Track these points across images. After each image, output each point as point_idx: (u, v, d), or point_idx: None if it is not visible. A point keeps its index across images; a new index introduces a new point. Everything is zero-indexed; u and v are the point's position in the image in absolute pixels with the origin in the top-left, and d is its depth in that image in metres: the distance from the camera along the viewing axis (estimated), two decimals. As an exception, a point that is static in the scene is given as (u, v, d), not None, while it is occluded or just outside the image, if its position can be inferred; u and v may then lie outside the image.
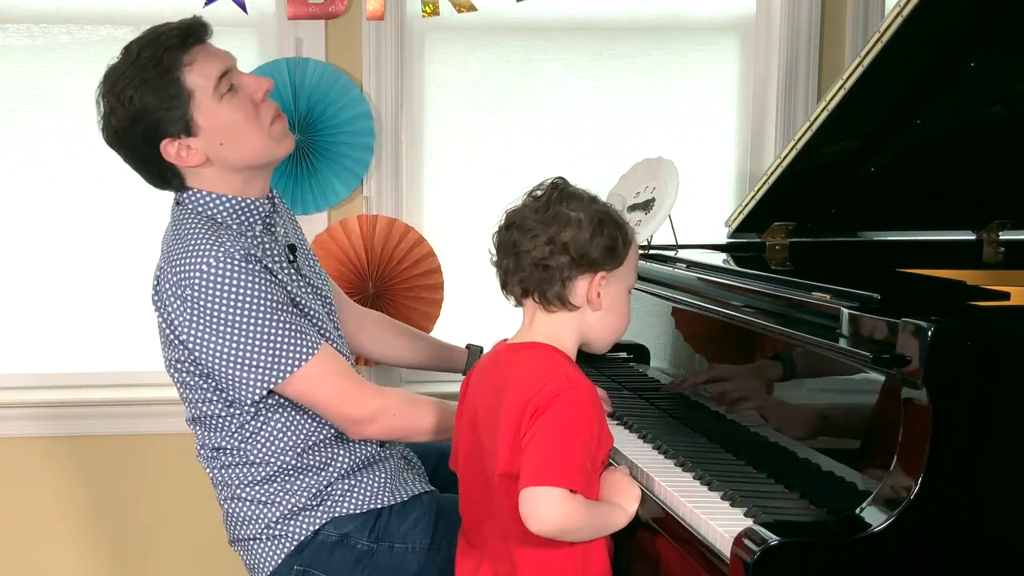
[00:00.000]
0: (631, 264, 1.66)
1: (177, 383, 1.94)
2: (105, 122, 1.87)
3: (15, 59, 2.80)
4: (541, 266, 1.58)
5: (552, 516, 1.48)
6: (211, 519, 2.83)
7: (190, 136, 1.85)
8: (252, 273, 1.78)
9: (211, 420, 1.91)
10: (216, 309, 1.77)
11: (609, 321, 1.65)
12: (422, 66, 2.88)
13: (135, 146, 1.87)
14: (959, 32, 1.89)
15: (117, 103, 1.82)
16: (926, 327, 1.32)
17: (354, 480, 1.93)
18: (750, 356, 1.78)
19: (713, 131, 2.98)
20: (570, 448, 1.49)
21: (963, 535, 1.36)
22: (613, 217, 1.62)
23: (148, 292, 1.89)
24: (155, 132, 1.84)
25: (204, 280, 1.76)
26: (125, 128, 1.84)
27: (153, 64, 1.80)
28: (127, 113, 1.82)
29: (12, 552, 2.84)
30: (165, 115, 1.82)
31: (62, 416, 2.81)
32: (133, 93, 1.80)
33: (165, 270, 1.83)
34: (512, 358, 1.62)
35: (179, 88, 1.82)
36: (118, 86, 1.82)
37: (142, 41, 1.84)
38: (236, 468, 1.91)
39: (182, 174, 1.89)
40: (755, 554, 1.29)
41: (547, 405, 1.50)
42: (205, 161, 1.87)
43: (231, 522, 1.96)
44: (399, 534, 1.90)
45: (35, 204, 2.84)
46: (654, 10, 2.93)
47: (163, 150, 1.85)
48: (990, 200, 2.32)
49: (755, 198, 2.27)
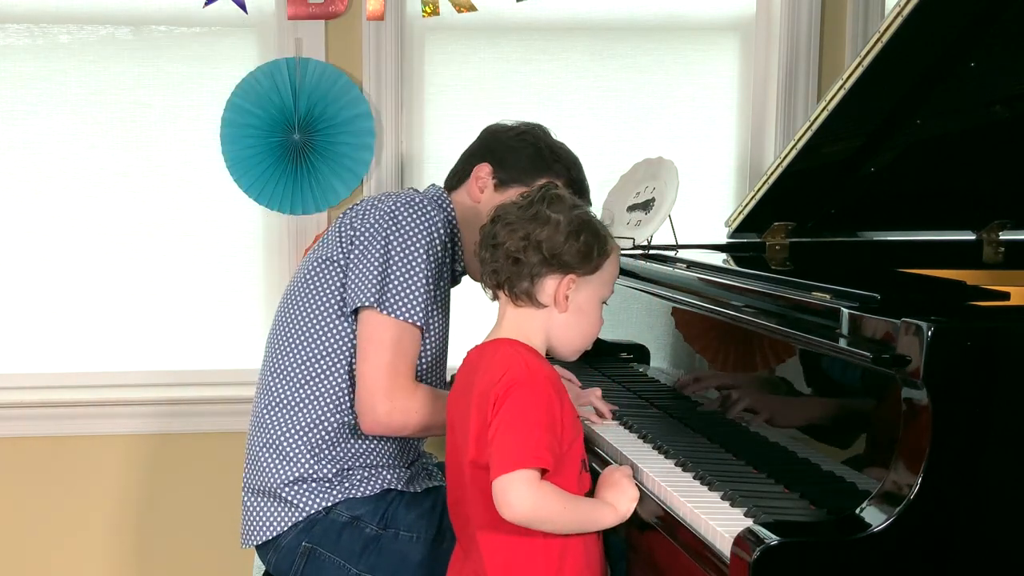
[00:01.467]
0: (606, 276, 1.69)
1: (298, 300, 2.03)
2: (514, 126, 2.14)
3: (15, 59, 2.80)
4: (512, 259, 1.63)
5: (521, 501, 1.51)
6: (217, 519, 2.84)
7: (498, 186, 2.06)
8: (440, 236, 1.96)
9: (295, 357, 1.99)
10: (400, 225, 1.93)
11: (576, 326, 1.68)
12: (422, 66, 2.88)
13: (490, 141, 2.12)
14: (959, 32, 1.89)
15: (528, 132, 2.13)
16: (926, 327, 1.32)
17: (374, 471, 1.98)
18: (750, 356, 1.78)
19: (713, 131, 2.98)
20: (533, 431, 1.53)
21: (963, 535, 1.36)
22: (594, 227, 1.67)
23: (148, 292, 1.90)
24: (493, 157, 2.08)
25: (407, 204, 1.95)
26: (507, 133, 2.12)
27: (553, 156, 2.09)
28: (514, 137, 2.11)
29: (12, 552, 2.85)
30: (514, 163, 2.06)
31: (62, 416, 2.81)
32: (527, 138, 2.10)
33: (387, 194, 2.02)
34: (479, 357, 1.67)
35: (534, 178, 2.02)
36: (547, 133, 2.15)
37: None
38: (287, 413, 1.97)
39: (465, 186, 2.10)
40: (755, 554, 1.29)
41: (505, 394, 1.54)
42: (478, 203, 2.06)
43: (253, 468, 2.01)
44: (407, 522, 1.94)
45: (35, 204, 2.84)
46: (654, 10, 2.93)
47: (479, 166, 2.08)
48: (990, 200, 2.32)
49: (755, 198, 2.27)
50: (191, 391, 2.85)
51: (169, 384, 2.88)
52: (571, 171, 2.09)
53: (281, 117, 2.76)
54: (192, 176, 2.86)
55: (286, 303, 2.06)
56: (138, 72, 2.82)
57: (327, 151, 2.77)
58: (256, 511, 1.98)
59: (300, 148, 2.75)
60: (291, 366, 1.99)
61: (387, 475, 1.99)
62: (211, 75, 2.83)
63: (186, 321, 2.89)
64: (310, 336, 1.98)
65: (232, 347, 2.91)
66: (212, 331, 2.90)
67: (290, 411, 1.97)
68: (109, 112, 2.83)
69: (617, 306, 2.37)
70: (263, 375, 2.06)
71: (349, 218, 2.01)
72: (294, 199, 2.77)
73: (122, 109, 2.83)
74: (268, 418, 2.00)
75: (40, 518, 2.85)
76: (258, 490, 1.99)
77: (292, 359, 1.99)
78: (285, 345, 2.01)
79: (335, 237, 2.01)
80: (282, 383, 2.00)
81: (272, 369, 2.03)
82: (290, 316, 2.02)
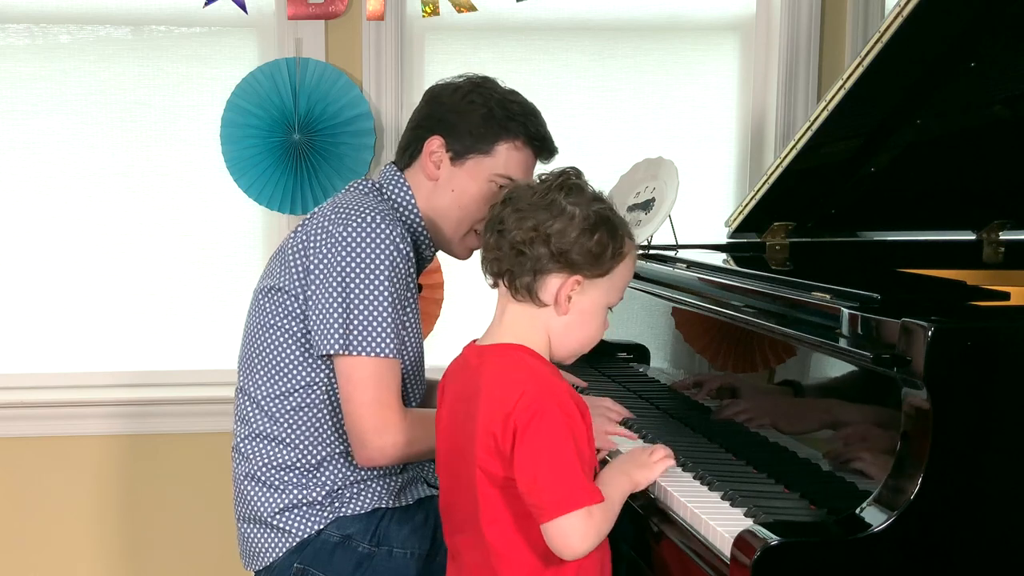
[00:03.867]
0: (617, 281, 1.56)
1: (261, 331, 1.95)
2: (458, 84, 2.01)
3: (15, 59, 2.80)
4: (517, 250, 1.49)
5: (583, 540, 1.44)
6: (220, 519, 2.83)
7: (454, 159, 1.95)
8: (398, 244, 1.83)
9: (269, 393, 1.92)
10: (355, 256, 1.81)
11: (575, 331, 1.55)
12: (422, 66, 2.88)
13: (436, 108, 1.99)
14: (959, 32, 1.89)
15: (475, 89, 1.99)
16: (926, 327, 1.32)
17: (363, 485, 1.93)
18: (750, 356, 1.78)
19: (713, 131, 2.98)
20: (570, 464, 1.43)
21: (963, 535, 1.36)
22: (613, 225, 1.52)
23: (148, 292, 1.89)
24: (443, 127, 1.95)
25: (359, 227, 1.82)
26: (453, 95, 1.99)
27: (506, 114, 1.95)
28: (463, 98, 1.97)
29: (12, 552, 2.85)
30: (466, 130, 1.94)
31: (62, 416, 2.81)
32: (475, 99, 1.96)
33: (327, 207, 1.91)
34: (480, 362, 1.54)
35: (491, 144, 1.94)
36: (495, 84, 2.02)
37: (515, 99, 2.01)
38: (269, 446, 1.92)
39: (418, 164, 1.98)
40: (756, 554, 1.29)
41: (528, 422, 1.42)
42: (436, 180, 1.96)
43: (240, 498, 1.97)
44: (399, 539, 1.90)
45: (35, 204, 2.84)
46: (654, 10, 2.93)
47: (429, 140, 1.95)
48: (990, 200, 2.32)
49: (755, 198, 2.27)
50: (192, 391, 2.85)
51: (169, 384, 2.88)
52: (528, 126, 1.96)
53: (281, 117, 2.76)
54: (192, 176, 2.86)
55: (250, 334, 1.97)
56: (138, 72, 2.82)
57: (327, 151, 2.76)
58: (251, 539, 1.94)
59: (300, 148, 2.75)
60: (265, 400, 1.92)
61: (378, 488, 1.93)
62: (211, 75, 2.83)
63: (186, 321, 2.89)
64: (279, 373, 1.91)
65: (233, 347, 2.89)
66: (213, 331, 2.90)
67: (270, 443, 1.92)
68: (109, 112, 2.83)
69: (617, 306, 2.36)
70: (240, 402, 1.98)
71: (301, 243, 1.88)
72: (294, 199, 2.76)
73: (122, 109, 2.83)
74: (249, 449, 1.94)
75: (41, 517, 2.86)
76: (249, 519, 1.94)
77: (265, 393, 1.92)
78: (257, 378, 1.94)
79: (287, 265, 1.89)
80: (259, 415, 1.93)
81: (247, 399, 1.96)
82: (256, 349, 1.94)
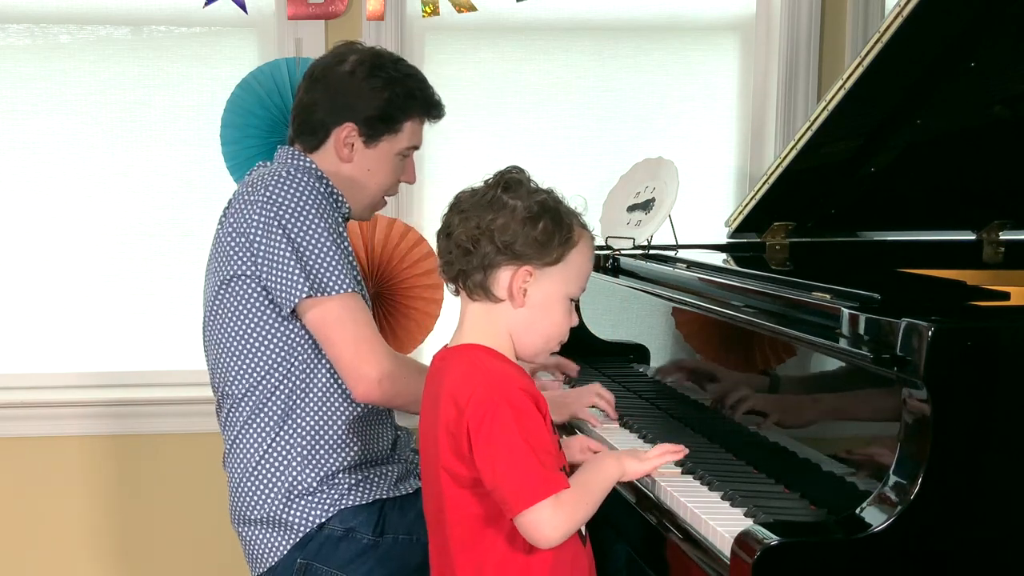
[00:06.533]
0: (572, 270, 1.53)
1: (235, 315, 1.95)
2: (348, 64, 2.00)
3: (15, 59, 2.80)
4: (464, 249, 1.50)
5: (555, 528, 1.43)
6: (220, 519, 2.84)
7: (367, 143, 2.00)
8: (320, 194, 1.90)
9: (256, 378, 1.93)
10: (285, 207, 1.86)
11: (537, 324, 1.53)
12: (422, 66, 2.86)
13: (338, 94, 1.99)
14: (959, 32, 1.89)
15: (373, 72, 1.98)
16: (926, 327, 1.32)
17: (362, 475, 1.94)
18: (750, 356, 1.78)
19: (713, 131, 2.98)
20: (525, 458, 1.42)
21: (963, 535, 1.35)
22: (558, 213, 1.52)
23: (148, 292, 1.89)
24: (352, 114, 1.98)
25: (278, 184, 1.88)
26: (351, 79, 1.99)
27: (406, 92, 1.99)
28: (363, 82, 1.98)
29: (12, 552, 2.85)
30: (375, 115, 1.97)
31: (61, 416, 2.81)
32: (375, 83, 1.97)
33: (239, 189, 1.96)
34: (443, 365, 1.55)
35: (399, 123, 2.00)
36: (385, 59, 2.01)
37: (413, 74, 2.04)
38: (259, 437, 1.92)
39: (328, 147, 2.01)
40: (756, 554, 1.29)
41: (480, 423, 1.43)
42: (350, 162, 2.01)
43: (238, 500, 1.96)
44: (404, 525, 1.91)
45: (35, 204, 2.84)
46: (654, 10, 2.93)
47: (339, 127, 1.99)
48: (990, 200, 2.32)
49: (755, 198, 2.27)
50: (192, 391, 2.85)
51: (170, 384, 2.88)
52: (426, 100, 2.03)
53: (281, 117, 2.75)
54: (192, 176, 2.86)
55: (218, 340, 1.96)
56: (138, 72, 2.82)
57: (327, 151, 2.76)
58: (253, 541, 1.94)
59: (300, 148, 2.75)
60: (249, 391, 1.92)
61: (375, 477, 1.94)
62: (211, 75, 2.83)
63: (186, 321, 2.88)
64: (257, 353, 1.91)
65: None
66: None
67: (261, 435, 1.92)
68: (109, 112, 2.83)
69: (617, 306, 2.37)
70: (225, 412, 1.97)
71: (232, 226, 1.91)
72: (294, 199, 2.76)
73: (122, 109, 2.83)
74: (241, 447, 1.94)
75: (34, 518, 2.86)
76: (250, 520, 1.94)
77: (248, 383, 1.92)
78: (235, 374, 1.93)
79: (229, 253, 1.91)
80: (245, 409, 1.93)
81: (231, 403, 1.95)
82: (229, 348, 1.93)
